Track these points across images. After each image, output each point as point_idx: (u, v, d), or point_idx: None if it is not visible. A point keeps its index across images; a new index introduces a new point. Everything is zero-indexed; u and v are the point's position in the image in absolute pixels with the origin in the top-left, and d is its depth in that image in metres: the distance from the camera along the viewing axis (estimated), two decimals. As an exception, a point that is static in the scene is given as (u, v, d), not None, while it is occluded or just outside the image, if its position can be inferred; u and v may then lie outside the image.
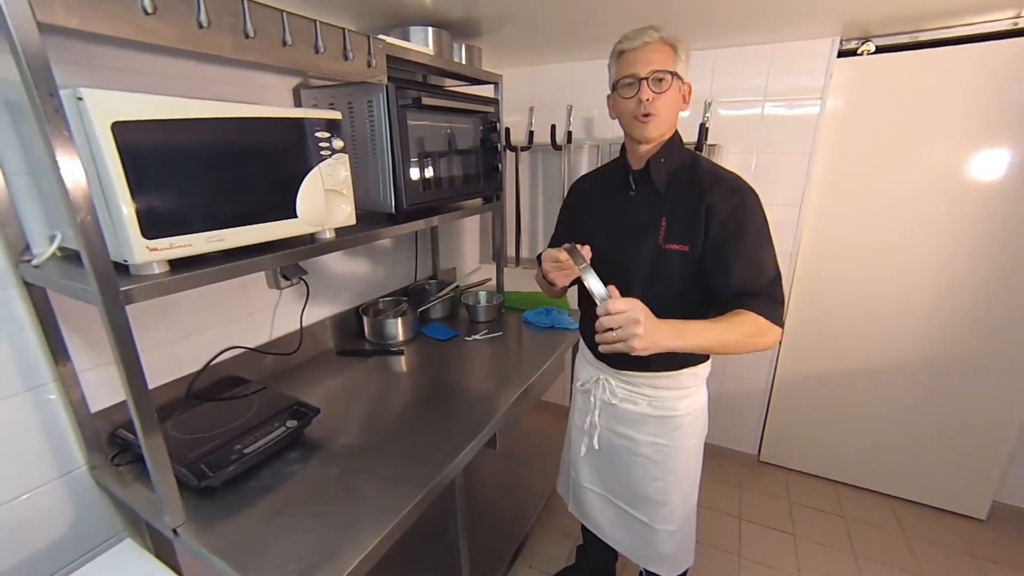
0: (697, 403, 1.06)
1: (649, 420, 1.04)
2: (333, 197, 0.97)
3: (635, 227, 0.97)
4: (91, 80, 0.88)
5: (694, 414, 1.05)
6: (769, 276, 0.87)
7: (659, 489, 1.07)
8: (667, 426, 1.04)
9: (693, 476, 1.10)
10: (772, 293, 0.87)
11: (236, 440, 0.93)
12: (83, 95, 0.60)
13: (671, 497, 1.08)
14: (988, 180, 1.52)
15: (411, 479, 0.91)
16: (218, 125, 0.77)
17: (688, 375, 1.03)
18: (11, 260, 0.80)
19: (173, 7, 0.68)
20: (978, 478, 1.75)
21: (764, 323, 0.84)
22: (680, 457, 1.06)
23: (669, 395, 1.03)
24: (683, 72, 0.90)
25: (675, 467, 1.06)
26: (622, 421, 1.08)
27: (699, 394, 1.07)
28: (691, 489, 1.11)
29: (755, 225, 0.89)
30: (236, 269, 0.83)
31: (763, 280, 0.87)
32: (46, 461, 0.89)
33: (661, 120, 0.90)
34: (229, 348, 1.23)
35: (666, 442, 1.05)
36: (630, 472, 1.10)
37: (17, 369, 0.84)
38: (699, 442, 1.09)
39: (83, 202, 0.60)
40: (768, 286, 0.87)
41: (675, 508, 1.08)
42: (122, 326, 0.66)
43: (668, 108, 0.89)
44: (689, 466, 1.08)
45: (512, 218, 2.20)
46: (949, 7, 1.28)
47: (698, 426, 1.07)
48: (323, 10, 1.21)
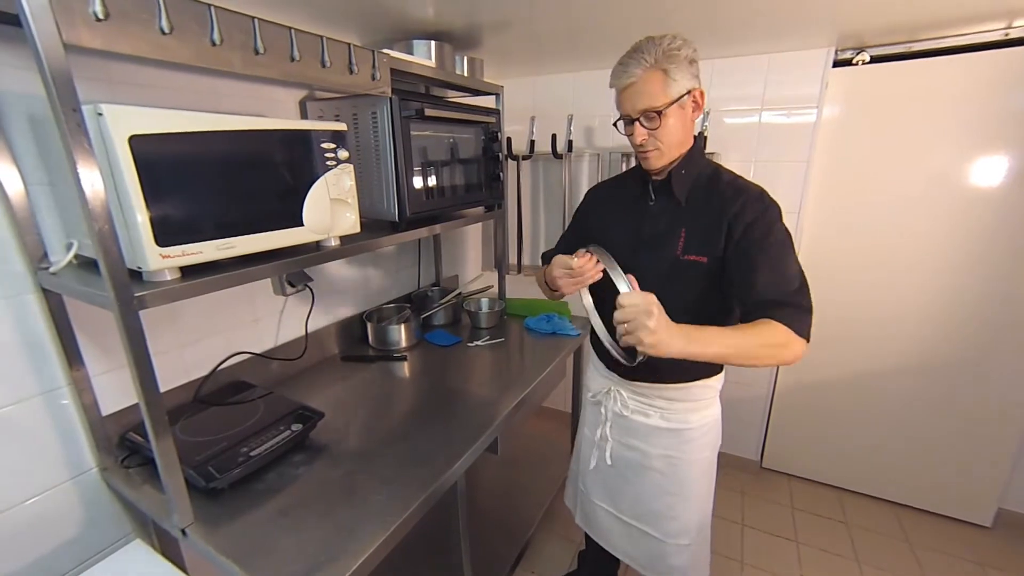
0: (710, 416, 1.04)
1: (661, 433, 1.04)
2: (338, 206, 1.00)
3: (653, 237, 0.96)
4: (108, 95, 0.92)
5: (707, 427, 1.04)
6: (795, 285, 0.84)
7: (670, 504, 1.06)
8: (679, 439, 1.03)
9: (706, 490, 1.08)
10: (799, 303, 0.82)
11: (243, 443, 0.96)
12: (103, 111, 0.63)
13: (682, 511, 1.06)
14: (984, 186, 1.54)
15: (414, 482, 0.93)
16: (229, 137, 0.80)
17: (700, 387, 1.02)
18: (30, 267, 0.83)
19: (188, 26, 0.71)
20: (983, 485, 1.75)
21: (787, 333, 0.79)
22: (692, 470, 1.04)
23: (682, 407, 1.02)
24: (682, 88, 0.85)
25: (687, 481, 1.04)
26: (633, 433, 1.07)
27: (712, 407, 1.05)
28: (704, 502, 1.08)
29: (780, 235, 0.86)
30: (244, 276, 0.85)
31: (789, 288, 0.83)
32: (59, 463, 0.92)
33: (662, 152, 0.90)
34: (236, 353, 1.25)
35: (678, 455, 1.03)
36: (640, 486, 1.08)
37: (33, 373, 0.87)
38: (712, 455, 1.07)
39: (101, 211, 0.63)
40: (794, 295, 0.83)
41: (687, 522, 1.06)
42: (136, 331, 0.69)
43: (670, 136, 0.88)
44: (702, 480, 1.06)
45: (514, 226, 2.23)
46: (942, 18, 1.31)
47: (711, 439, 1.06)
48: (329, 25, 1.25)
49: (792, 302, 0.82)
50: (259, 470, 0.96)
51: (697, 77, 0.87)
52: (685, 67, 0.84)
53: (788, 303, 0.82)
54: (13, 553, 0.87)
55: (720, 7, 1.19)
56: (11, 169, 0.79)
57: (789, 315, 0.81)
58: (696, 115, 0.90)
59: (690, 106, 0.88)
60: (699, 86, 0.88)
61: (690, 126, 0.91)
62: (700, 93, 0.88)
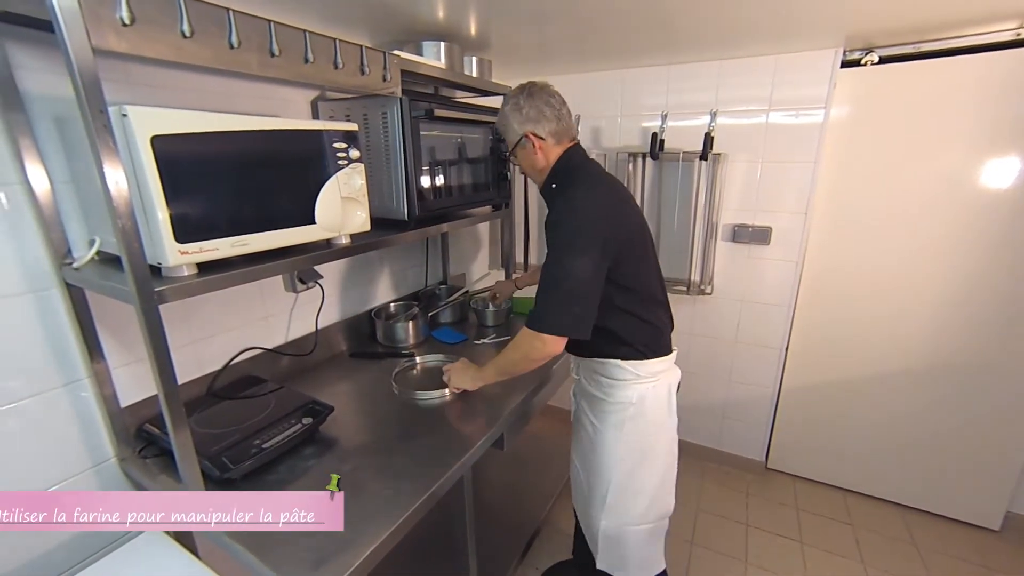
0: (630, 396, 1.08)
1: (592, 398, 1.16)
2: (349, 204, 1.02)
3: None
4: (129, 96, 0.95)
5: (625, 406, 1.08)
6: (546, 285, 1.00)
7: (590, 468, 1.18)
8: (598, 408, 1.14)
9: (621, 472, 1.11)
10: (539, 302, 1.01)
11: (255, 436, 0.98)
12: (128, 112, 0.66)
13: (596, 482, 1.15)
14: (993, 188, 1.53)
15: (421, 476, 0.95)
16: (245, 137, 0.83)
17: (613, 365, 1.09)
18: (55, 263, 0.86)
19: (208, 30, 0.74)
20: (991, 488, 1.74)
21: (523, 335, 1.03)
22: (604, 444, 1.12)
23: (605, 381, 1.12)
24: (516, 135, 1.08)
25: (597, 451, 1.14)
26: (581, 389, 1.22)
27: (629, 388, 1.08)
28: (620, 484, 1.12)
29: (558, 237, 1.00)
30: (258, 272, 0.88)
31: (542, 288, 1.00)
32: (79, 453, 0.95)
33: (532, 178, 1.17)
34: (248, 349, 1.28)
35: (597, 423, 1.14)
36: (580, 442, 1.23)
37: (57, 365, 0.90)
38: (627, 440, 1.10)
39: (125, 209, 0.65)
40: (539, 294, 1.01)
41: (600, 497, 1.14)
42: (156, 324, 0.71)
43: (527, 168, 1.15)
44: (609, 460, 1.12)
45: (520, 225, 2.24)
46: (951, 19, 1.31)
47: (628, 421, 1.09)
48: (341, 27, 1.27)
49: (537, 303, 1.00)
50: (271, 462, 0.98)
51: (531, 119, 1.05)
52: (512, 119, 1.07)
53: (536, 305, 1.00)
54: (35, 539, 0.90)
55: (727, 9, 1.19)
56: (39, 169, 0.82)
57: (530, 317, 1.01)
58: (540, 145, 1.07)
59: (531, 144, 1.07)
60: (531, 128, 1.06)
61: (535, 156, 1.09)
62: (530, 133, 1.07)
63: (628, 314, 1.05)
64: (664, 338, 1.12)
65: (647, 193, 1.97)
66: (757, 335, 1.95)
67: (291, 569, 0.74)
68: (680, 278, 1.97)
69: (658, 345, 1.10)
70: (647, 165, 1.93)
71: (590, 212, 0.99)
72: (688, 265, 1.95)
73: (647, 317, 1.08)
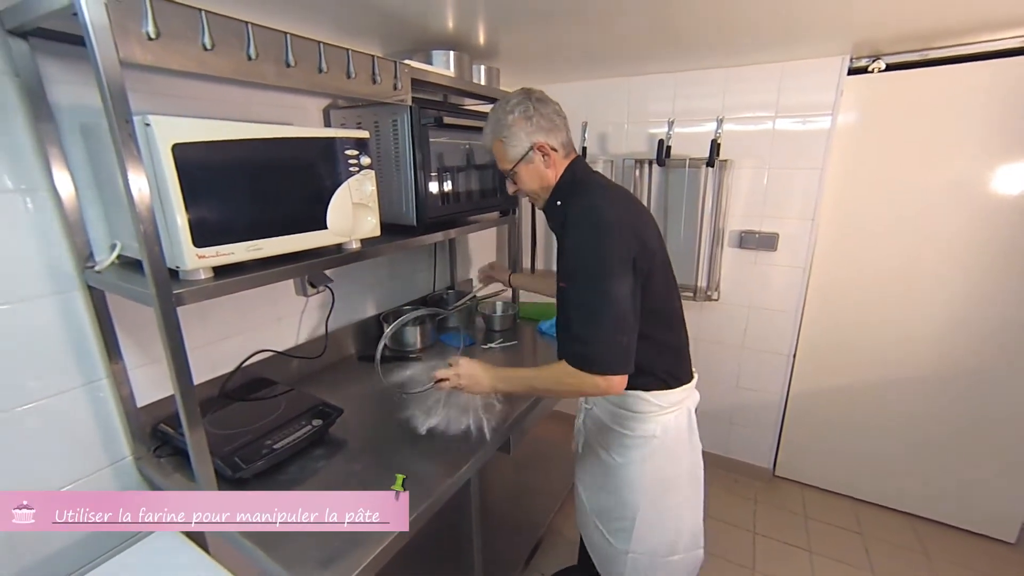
0: (653, 429, 1.01)
1: (608, 432, 1.08)
2: (360, 210, 1.05)
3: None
4: (151, 105, 0.98)
5: (648, 439, 1.02)
6: (585, 317, 0.90)
7: (612, 503, 1.09)
8: (617, 442, 1.06)
9: (646, 505, 1.05)
10: (581, 338, 0.89)
11: (266, 436, 1.00)
12: (151, 121, 0.68)
13: (621, 513, 1.07)
14: (1001, 194, 1.52)
15: (428, 478, 0.96)
16: (260, 145, 0.85)
17: (634, 398, 1.01)
18: (78, 266, 0.89)
19: (228, 42, 0.77)
20: (1007, 499, 1.71)
21: (567, 369, 0.91)
22: (626, 479, 1.05)
23: (623, 414, 1.04)
24: (522, 148, 0.96)
25: (620, 486, 1.06)
26: (593, 421, 1.15)
27: (655, 421, 1.01)
28: (646, 519, 1.05)
29: (585, 263, 0.92)
30: (271, 276, 0.90)
31: (579, 321, 0.90)
32: (97, 451, 0.97)
33: (531, 197, 1.06)
34: (259, 351, 1.30)
35: (618, 458, 1.06)
36: (593, 475, 1.15)
37: (77, 365, 0.93)
38: (655, 474, 1.03)
39: (147, 214, 0.68)
40: (578, 329, 0.90)
41: (625, 526, 1.07)
42: (174, 326, 0.74)
43: (527, 186, 1.02)
44: (636, 493, 1.04)
45: (528, 231, 2.26)
46: (958, 26, 1.31)
47: (652, 456, 1.02)
48: (352, 37, 1.30)
49: (577, 341, 0.89)
50: (282, 462, 1.00)
51: (542, 128, 0.95)
52: (519, 128, 0.95)
53: (574, 339, 0.89)
54: (52, 535, 0.93)
55: (733, 17, 1.21)
56: (65, 175, 0.85)
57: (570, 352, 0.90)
58: (549, 159, 0.97)
59: (538, 157, 0.97)
60: (542, 138, 0.96)
61: (545, 171, 0.99)
62: (543, 144, 0.96)
63: (650, 340, 0.95)
64: (685, 362, 1.06)
65: (654, 199, 1.98)
66: (764, 341, 1.94)
67: (300, 567, 0.75)
68: (687, 284, 1.97)
69: (680, 371, 1.04)
70: (654, 171, 1.94)
71: (613, 228, 0.88)
72: (695, 271, 1.95)
73: (669, 339, 1.01)
